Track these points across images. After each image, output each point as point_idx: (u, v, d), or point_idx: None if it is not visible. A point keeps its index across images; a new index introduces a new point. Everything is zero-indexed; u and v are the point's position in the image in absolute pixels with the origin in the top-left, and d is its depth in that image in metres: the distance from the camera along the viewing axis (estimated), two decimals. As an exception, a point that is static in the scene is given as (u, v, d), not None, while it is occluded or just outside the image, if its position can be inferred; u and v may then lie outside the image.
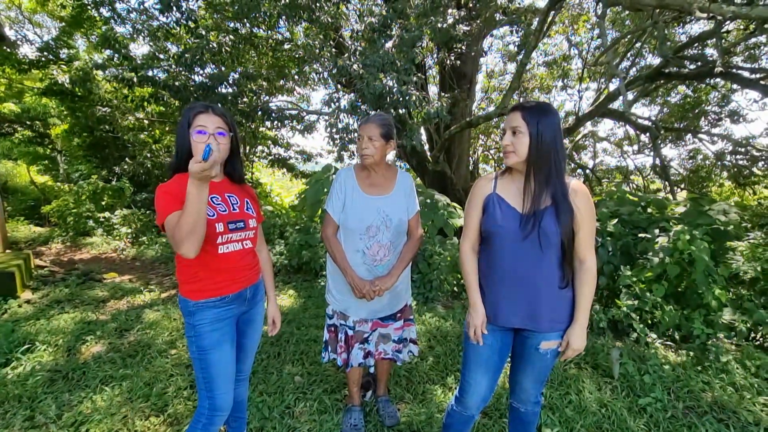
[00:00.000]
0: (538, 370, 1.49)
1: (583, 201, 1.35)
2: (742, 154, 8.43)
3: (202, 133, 1.37)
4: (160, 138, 9.55)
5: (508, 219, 1.39)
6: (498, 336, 1.48)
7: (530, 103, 1.35)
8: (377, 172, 1.88)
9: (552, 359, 1.47)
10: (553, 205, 1.33)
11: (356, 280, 1.80)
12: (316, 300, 4.06)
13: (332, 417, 2.18)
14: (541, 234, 1.32)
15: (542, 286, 1.37)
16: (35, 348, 2.88)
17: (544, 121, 1.31)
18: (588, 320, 1.41)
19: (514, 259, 1.38)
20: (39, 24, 11.03)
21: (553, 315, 1.40)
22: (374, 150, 1.79)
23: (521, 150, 1.33)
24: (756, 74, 5.86)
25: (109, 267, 5.52)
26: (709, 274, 3.03)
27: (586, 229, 1.36)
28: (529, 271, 1.37)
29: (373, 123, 1.80)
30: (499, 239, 1.40)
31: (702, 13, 3.32)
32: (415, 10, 4.89)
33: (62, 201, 7.75)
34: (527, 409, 1.60)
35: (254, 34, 6.06)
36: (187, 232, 1.26)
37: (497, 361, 1.50)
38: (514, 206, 1.40)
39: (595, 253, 1.40)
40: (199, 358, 1.45)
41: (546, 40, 9.45)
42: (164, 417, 2.17)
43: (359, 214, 1.81)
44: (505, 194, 1.43)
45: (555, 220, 1.32)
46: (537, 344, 1.43)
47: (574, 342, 1.38)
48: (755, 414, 2.19)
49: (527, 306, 1.39)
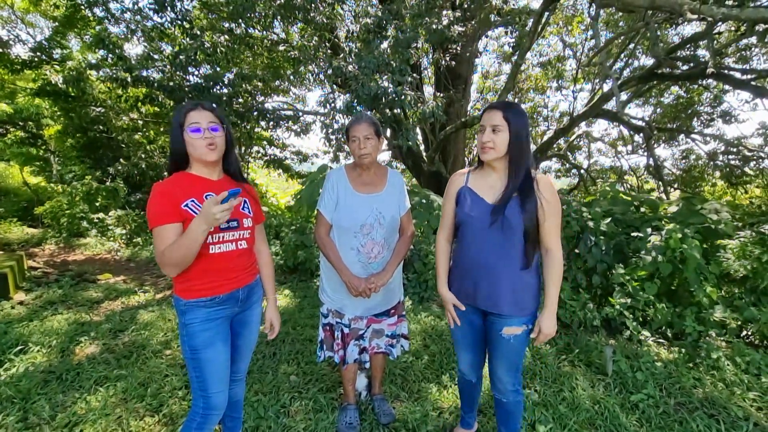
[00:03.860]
0: (506, 356, 1.58)
1: (549, 193, 1.45)
2: (734, 154, 8.53)
3: (197, 131, 1.38)
4: (155, 138, 9.49)
5: (477, 209, 1.51)
6: (468, 316, 1.63)
7: (509, 102, 1.49)
8: (370, 170, 1.90)
9: (519, 346, 1.56)
10: (519, 196, 1.44)
11: (352, 279, 1.81)
12: (312, 300, 4.06)
13: (328, 416, 2.19)
14: (505, 222, 1.44)
15: (503, 271, 1.48)
16: (28, 349, 2.86)
17: (520, 121, 1.43)
18: (557, 306, 1.50)
19: (479, 245, 1.51)
20: (32, 24, 10.94)
21: (513, 299, 1.49)
22: (371, 148, 1.82)
23: (501, 147, 1.44)
24: (747, 75, 5.94)
25: (103, 268, 5.49)
26: (701, 272, 3.07)
27: (551, 219, 1.46)
28: (492, 257, 1.49)
29: (365, 122, 1.81)
30: (468, 228, 1.54)
31: (693, 14, 3.36)
32: (410, 11, 4.91)
33: (56, 202, 7.69)
34: (508, 399, 1.67)
35: (249, 34, 6.05)
36: (176, 263, 1.32)
37: (473, 337, 1.68)
38: (483, 197, 1.52)
39: (560, 242, 1.49)
40: (192, 358, 1.45)
41: (540, 40, 9.52)
42: (159, 417, 2.17)
43: (353, 213, 1.83)
44: (476, 187, 1.55)
45: (519, 209, 1.43)
46: (500, 329, 1.53)
47: (545, 327, 1.48)
48: (745, 409, 2.22)
49: (488, 288, 1.51)
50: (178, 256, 1.30)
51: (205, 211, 1.21)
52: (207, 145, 1.39)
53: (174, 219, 1.34)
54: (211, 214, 1.20)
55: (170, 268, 1.34)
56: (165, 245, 1.32)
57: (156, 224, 1.33)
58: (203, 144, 1.39)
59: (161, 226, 1.33)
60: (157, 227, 1.33)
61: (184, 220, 1.36)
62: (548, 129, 11.14)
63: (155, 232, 1.34)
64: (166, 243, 1.32)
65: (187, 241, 1.27)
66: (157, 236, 1.34)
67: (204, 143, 1.39)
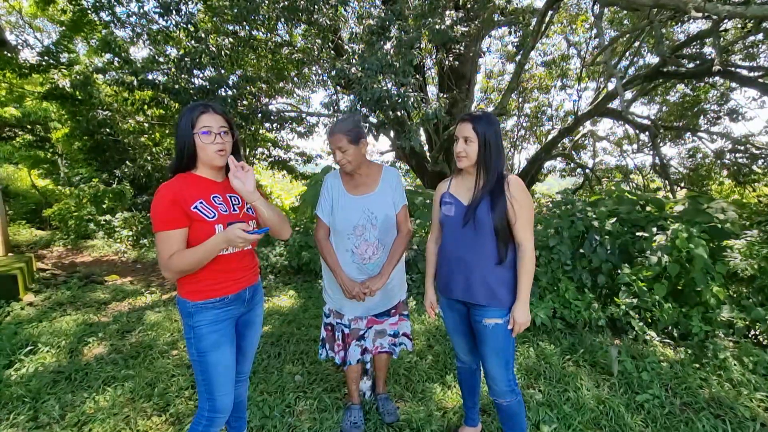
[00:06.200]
0: (491, 347, 1.65)
1: (518, 193, 1.56)
2: (742, 152, 8.42)
3: (207, 134, 1.38)
4: (160, 141, 9.58)
5: (454, 210, 1.67)
6: (453, 306, 1.77)
7: (478, 114, 1.60)
8: (360, 173, 1.91)
9: (502, 338, 1.62)
10: (490, 197, 1.57)
11: (346, 282, 1.85)
12: (316, 300, 4.08)
13: (332, 415, 2.20)
14: (476, 221, 1.57)
15: (475, 265, 1.62)
16: (38, 350, 2.91)
17: (489, 130, 1.56)
18: (528, 296, 1.59)
19: (455, 243, 1.67)
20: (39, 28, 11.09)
21: (487, 290, 1.61)
22: (349, 158, 1.81)
23: (472, 155, 1.58)
24: (754, 72, 5.88)
25: (110, 269, 5.55)
26: (708, 271, 3.04)
27: (522, 217, 1.56)
28: (466, 252, 1.63)
29: (338, 133, 1.78)
30: (446, 228, 1.71)
31: (697, 12, 3.34)
32: (413, 12, 4.92)
33: (63, 204, 7.79)
34: (507, 401, 1.70)
35: (253, 36, 6.09)
36: (183, 270, 1.35)
37: (462, 325, 1.80)
38: (461, 199, 1.67)
39: (532, 237, 1.59)
40: (199, 360, 1.45)
41: (545, 40, 9.48)
42: (166, 416, 2.19)
43: (346, 215, 1.87)
44: (456, 191, 1.71)
45: (489, 209, 1.56)
46: (481, 319, 1.64)
47: (517, 317, 1.57)
48: (752, 410, 2.20)
49: (464, 281, 1.65)
50: (188, 265, 1.34)
51: (231, 237, 1.30)
52: (217, 150, 1.40)
53: (181, 224, 1.35)
54: (235, 239, 1.29)
55: (173, 274, 1.36)
56: (170, 251, 1.33)
57: (162, 229, 1.34)
58: (214, 149, 1.39)
59: (168, 231, 1.34)
60: (164, 232, 1.34)
61: (192, 222, 1.37)
62: (553, 128, 11.09)
63: (161, 236, 1.34)
64: (171, 248, 1.34)
65: (203, 255, 1.34)
66: (162, 241, 1.34)
67: (215, 148, 1.39)
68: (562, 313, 3.23)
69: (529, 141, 12.05)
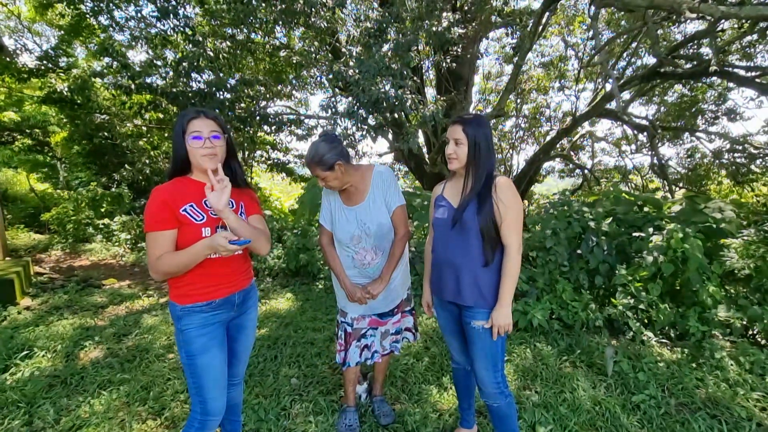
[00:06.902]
0: (479, 348, 1.66)
1: (506, 194, 1.56)
2: (740, 152, 8.42)
3: (198, 138, 1.40)
4: (159, 144, 9.59)
5: (444, 212, 1.69)
6: (446, 307, 1.79)
7: (468, 117, 1.61)
8: (349, 188, 1.89)
9: (490, 340, 1.62)
10: (477, 200, 1.58)
11: (348, 287, 1.91)
12: (314, 303, 4.07)
13: (327, 418, 2.19)
14: (463, 223, 1.59)
15: (463, 266, 1.62)
16: (34, 354, 2.90)
17: (479, 132, 1.57)
18: (510, 299, 1.57)
19: (445, 244, 1.68)
20: (38, 33, 11.11)
21: (474, 292, 1.61)
22: (330, 183, 1.80)
23: (462, 157, 1.60)
24: (751, 72, 5.89)
25: (108, 273, 5.55)
26: (703, 271, 3.04)
27: (508, 218, 1.56)
28: (454, 254, 1.64)
29: (313, 166, 1.75)
30: (437, 230, 1.73)
31: (692, 13, 3.35)
32: (410, 14, 4.92)
33: (62, 208, 7.78)
34: (497, 403, 1.70)
35: (251, 40, 6.12)
36: (169, 272, 1.37)
37: (454, 326, 1.82)
38: (452, 202, 1.69)
39: (519, 239, 1.58)
40: (188, 363, 1.46)
41: (542, 41, 9.49)
42: (161, 420, 2.19)
43: (343, 226, 1.91)
44: (448, 193, 1.73)
45: (475, 211, 1.57)
46: (470, 321, 1.65)
47: (496, 319, 1.57)
48: (748, 410, 2.20)
49: (454, 282, 1.66)
50: (174, 267, 1.36)
51: (216, 244, 1.31)
52: (207, 153, 1.41)
53: (170, 226, 1.38)
54: (219, 247, 1.31)
55: (160, 275, 1.38)
56: (159, 251, 1.36)
57: (152, 229, 1.36)
58: (203, 152, 1.41)
59: (157, 232, 1.36)
60: (153, 233, 1.36)
61: (180, 225, 1.39)
62: (551, 129, 11.10)
63: (150, 236, 1.37)
64: (160, 249, 1.36)
65: (188, 259, 1.36)
66: (151, 241, 1.37)
67: (204, 152, 1.41)
68: (560, 314, 3.23)
69: (527, 142, 12.05)
